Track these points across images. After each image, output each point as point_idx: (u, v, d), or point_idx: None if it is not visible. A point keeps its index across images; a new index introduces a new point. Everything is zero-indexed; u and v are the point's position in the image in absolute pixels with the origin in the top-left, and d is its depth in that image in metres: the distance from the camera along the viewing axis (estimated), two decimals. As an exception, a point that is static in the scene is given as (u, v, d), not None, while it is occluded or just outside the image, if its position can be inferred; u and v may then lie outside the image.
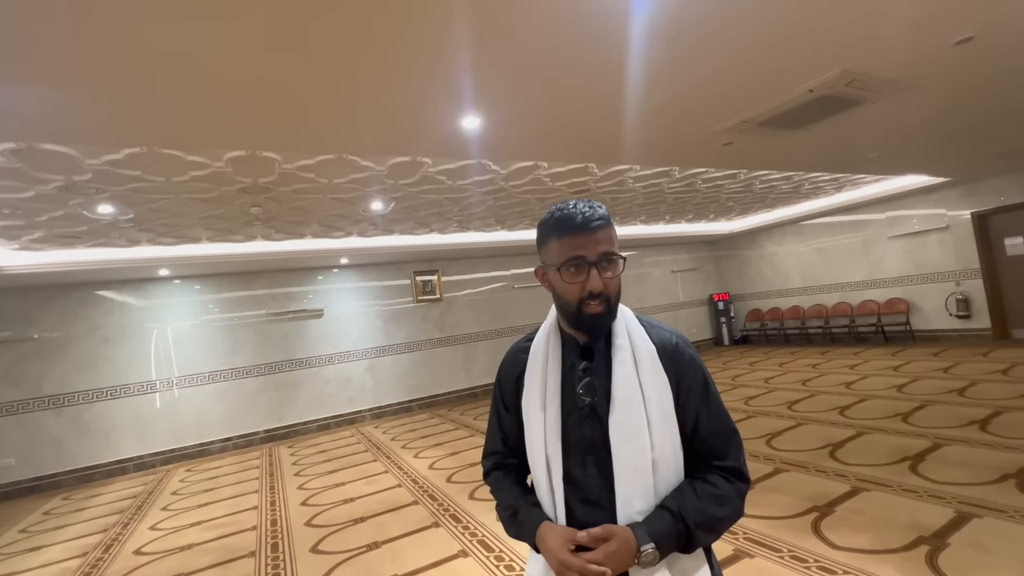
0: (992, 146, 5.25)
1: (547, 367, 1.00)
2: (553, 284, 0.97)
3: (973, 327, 7.62)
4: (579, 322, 0.95)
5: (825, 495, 3.12)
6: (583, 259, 0.91)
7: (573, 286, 0.92)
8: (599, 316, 0.93)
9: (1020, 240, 7.24)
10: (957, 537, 2.47)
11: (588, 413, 0.95)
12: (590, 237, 0.91)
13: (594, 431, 0.94)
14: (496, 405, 1.12)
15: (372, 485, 4.52)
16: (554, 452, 0.95)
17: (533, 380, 1.01)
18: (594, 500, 0.93)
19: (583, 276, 0.91)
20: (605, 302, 0.92)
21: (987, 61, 2.89)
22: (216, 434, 6.82)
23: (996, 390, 4.85)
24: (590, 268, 0.91)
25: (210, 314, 6.97)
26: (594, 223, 0.91)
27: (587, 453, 0.94)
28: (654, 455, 0.91)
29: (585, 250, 0.91)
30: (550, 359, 1.00)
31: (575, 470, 0.95)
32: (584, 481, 0.94)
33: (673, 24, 2.06)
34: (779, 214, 9.18)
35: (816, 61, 2.62)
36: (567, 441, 0.95)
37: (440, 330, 8.47)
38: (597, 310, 0.92)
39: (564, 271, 0.93)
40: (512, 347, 1.12)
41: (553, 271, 0.96)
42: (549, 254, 0.96)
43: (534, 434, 0.99)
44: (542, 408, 0.98)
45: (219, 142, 2.76)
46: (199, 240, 5.49)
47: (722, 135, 3.63)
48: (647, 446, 0.91)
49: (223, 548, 3.55)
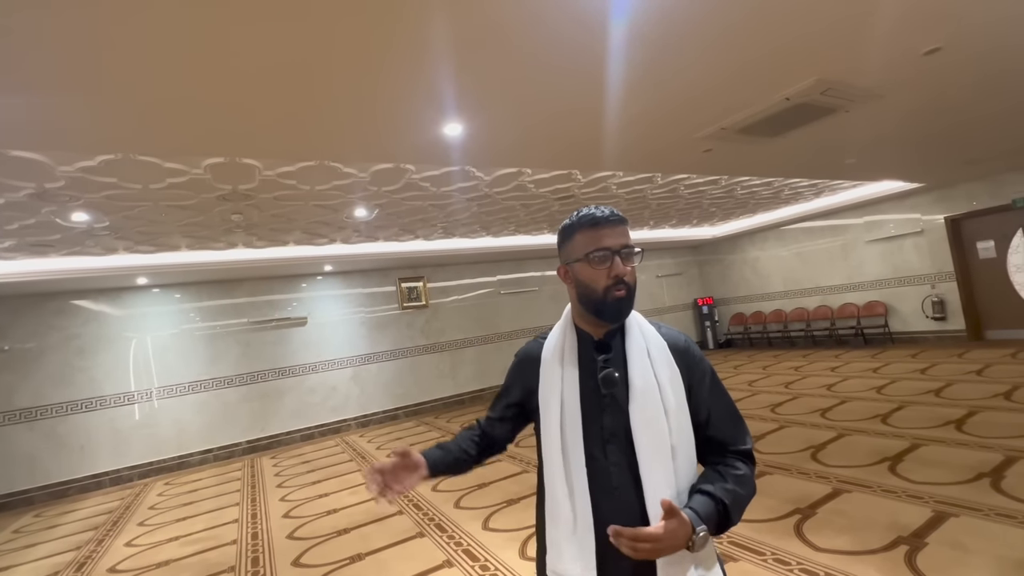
0: (962, 153, 5.41)
1: (563, 361, 1.07)
2: (578, 275, 1.05)
3: (949, 329, 7.80)
4: (603, 307, 1.02)
5: (807, 497, 3.15)
6: (608, 248, 1.01)
7: (600, 272, 1.01)
8: (622, 300, 1.02)
9: (992, 244, 7.45)
10: (935, 536, 2.51)
11: (609, 402, 1.02)
12: (613, 230, 1.03)
13: (615, 420, 1.01)
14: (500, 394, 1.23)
15: (356, 495, 4.46)
16: (574, 441, 1.01)
17: (550, 374, 1.08)
18: (615, 485, 0.99)
19: (608, 263, 1.01)
20: (627, 288, 1.02)
21: (955, 71, 2.98)
22: (196, 446, 6.67)
23: (971, 390, 4.97)
24: (614, 256, 1.01)
25: (190, 323, 6.84)
26: (614, 218, 1.04)
27: (608, 441, 1.01)
28: (672, 441, 0.98)
29: (609, 240, 1.02)
30: (566, 354, 1.07)
31: (596, 459, 1.00)
32: (605, 468, 1.00)
33: (652, 32, 2.09)
34: (760, 219, 9.33)
35: (792, 70, 2.68)
36: (587, 430, 1.02)
37: (426, 337, 8.42)
38: (621, 294, 1.01)
39: (592, 259, 1.02)
40: (526, 345, 1.20)
41: (579, 264, 1.04)
42: (574, 249, 1.05)
43: (551, 424, 1.04)
44: (560, 400, 1.04)
45: (196, 148, 2.71)
46: (178, 248, 5.39)
47: (702, 142, 3.68)
48: (666, 432, 0.98)
49: (202, 563, 3.46)
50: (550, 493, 1.03)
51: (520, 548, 3.00)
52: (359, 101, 2.34)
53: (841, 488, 3.21)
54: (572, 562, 0.97)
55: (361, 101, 2.34)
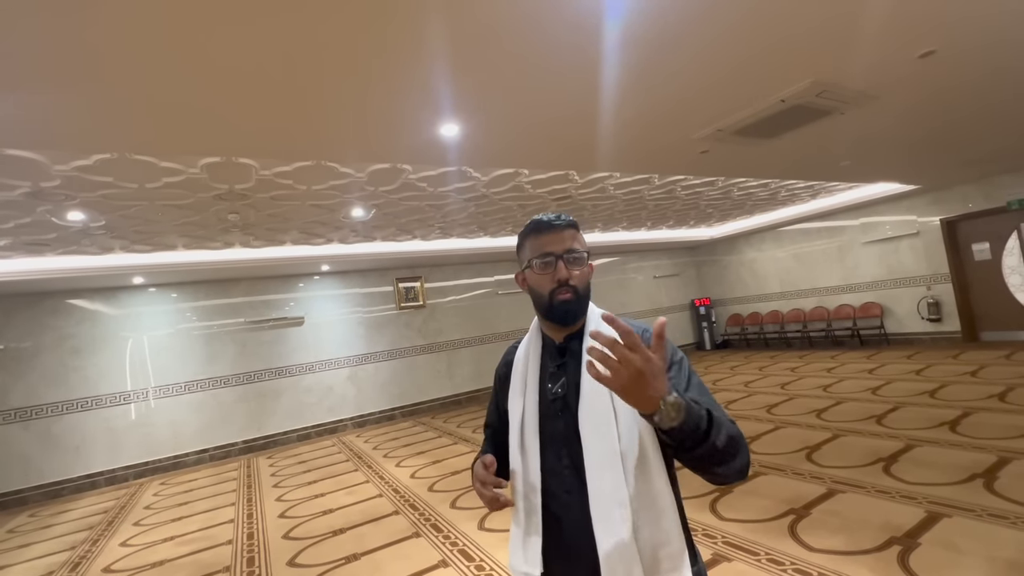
0: (957, 155, 5.44)
1: (527, 367, 1.11)
2: (529, 281, 1.08)
3: (944, 330, 7.84)
4: (551, 310, 1.04)
5: (802, 497, 3.16)
6: (551, 254, 1.03)
7: (544, 276, 1.04)
8: (568, 302, 1.02)
9: (987, 246, 7.49)
10: (928, 537, 2.52)
11: (561, 407, 1.03)
12: (557, 235, 1.04)
13: (567, 424, 1.02)
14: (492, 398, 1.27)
15: (352, 495, 4.46)
16: (532, 444, 1.04)
17: (516, 379, 1.12)
18: (567, 488, 0.99)
19: (552, 268, 1.03)
20: (572, 291, 1.02)
21: (949, 74, 3.00)
22: (192, 446, 6.65)
23: (965, 392, 4.99)
24: (557, 260, 1.03)
25: (187, 323, 6.82)
26: (557, 223, 1.05)
27: (562, 445, 1.02)
28: (621, 446, 0.95)
29: (552, 246, 1.04)
30: (530, 360, 1.11)
31: (551, 461, 1.02)
32: (559, 471, 1.01)
33: (647, 34, 2.09)
34: (757, 220, 9.35)
35: (787, 72, 2.69)
36: (544, 434, 1.04)
37: (423, 337, 8.42)
38: (566, 296, 1.02)
39: (536, 265, 1.04)
40: (505, 353, 1.24)
41: (528, 270, 1.07)
42: (524, 255, 1.09)
43: (513, 427, 1.09)
44: (522, 404, 1.08)
45: (193, 148, 2.71)
46: (175, 247, 5.38)
47: (699, 143, 3.69)
48: (615, 436, 0.96)
49: (197, 564, 3.45)
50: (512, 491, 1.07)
51: (515, 548, 3.00)
52: (355, 101, 2.34)
53: (835, 488, 3.23)
54: (521, 559, 1.01)
55: (357, 101, 2.34)
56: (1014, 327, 7.28)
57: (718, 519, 3.04)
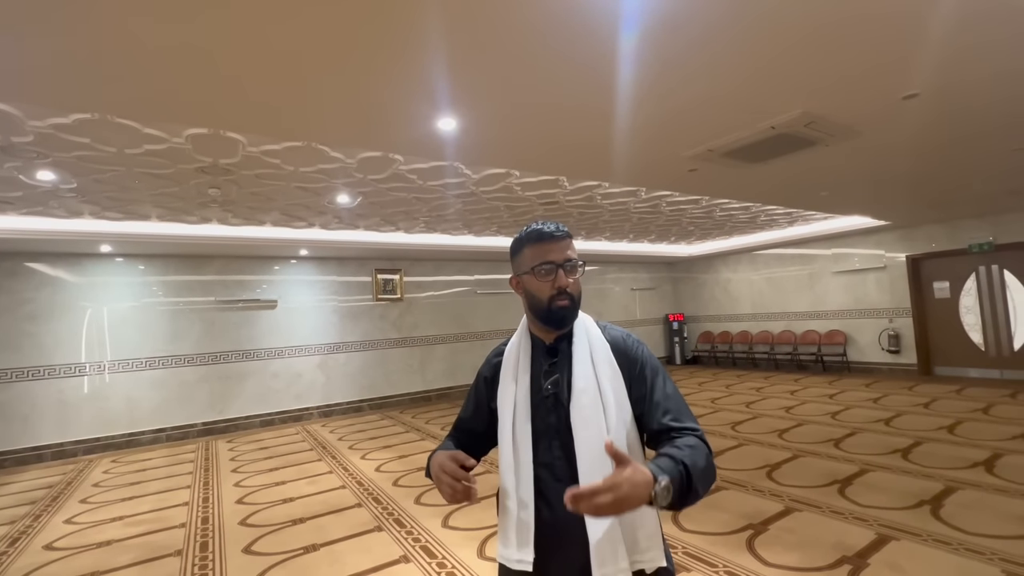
0: (926, 196, 5.69)
1: (519, 366, 1.16)
2: (527, 286, 1.14)
3: (902, 362, 8.17)
4: (549, 315, 1.11)
5: (760, 513, 3.25)
6: (552, 262, 1.09)
7: (545, 283, 1.09)
8: (565, 309, 1.10)
9: (947, 285, 7.85)
10: (876, 558, 2.62)
11: (553, 403, 1.10)
12: (557, 244, 1.11)
13: (559, 418, 1.08)
14: (469, 397, 1.30)
15: (314, 485, 4.37)
16: (523, 436, 1.09)
17: (506, 377, 1.16)
18: (558, 478, 1.05)
19: (552, 276, 1.09)
20: (570, 298, 1.10)
21: (929, 117, 3.14)
22: (148, 424, 6.42)
23: (918, 422, 5.21)
24: (558, 269, 1.09)
25: (152, 297, 6.59)
26: (559, 233, 1.11)
27: (553, 438, 1.08)
28: (612, 437, 1.03)
29: (553, 255, 1.10)
30: (521, 359, 1.16)
31: (543, 453, 1.08)
32: (550, 462, 1.07)
33: (656, 49, 2.13)
34: (735, 242, 9.59)
35: (780, 100, 2.78)
36: (536, 428, 1.10)
37: (398, 330, 8.33)
38: (564, 304, 1.09)
39: (537, 272, 1.10)
40: (490, 352, 1.28)
41: (527, 275, 1.12)
42: (523, 261, 1.13)
43: (505, 421, 1.13)
44: (513, 400, 1.12)
45: (181, 117, 2.63)
46: (148, 218, 5.20)
47: (689, 161, 3.77)
48: (604, 429, 1.04)
49: (146, 546, 3.34)
50: (502, 485, 1.11)
51: (479, 547, 2.99)
52: (353, 85, 2.31)
53: (793, 507, 3.33)
54: (514, 548, 1.05)
55: (355, 86, 2.31)
56: (965, 364, 7.65)
57: (680, 530, 3.10)
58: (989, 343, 7.45)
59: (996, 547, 2.64)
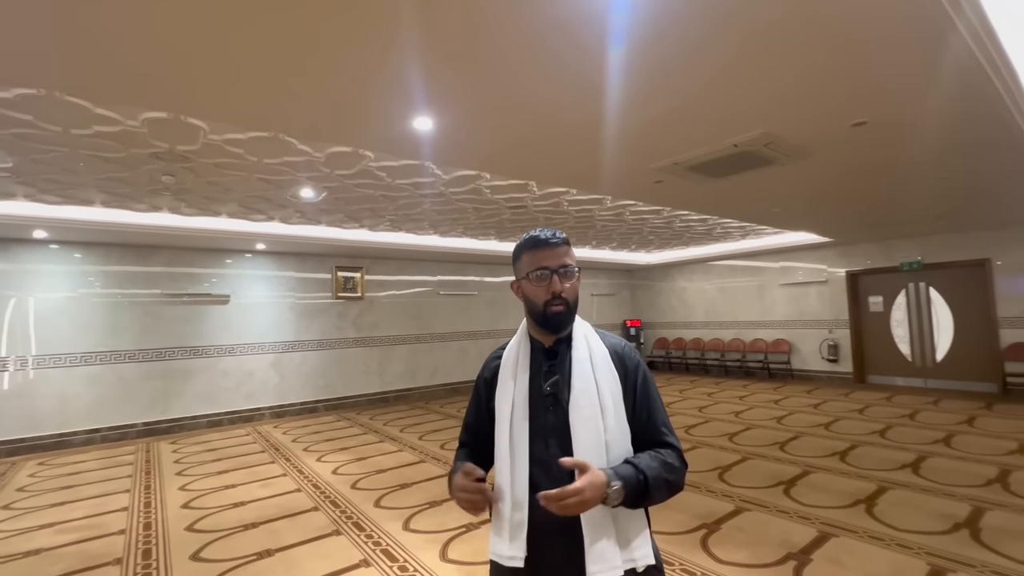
0: (865, 216, 6.13)
1: (517, 366, 1.19)
2: (525, 291, 1.18)
3: (839, 371, 8.73)
4: (544, 320, 1.15)
5: (713, 513, 3.39)
6: (547, 268, 1.14)
7: (540, 289, 1.14)
8: (560, 314, 1.14)
9: (880, 299, 8.46)
10: (819, 553, 2.80)
11: (552, 402, 1.13)
12: (553, 251, 1.15)
13: (557, 417, 1.12)
14: (470, 405, 1.30)
15: (267, 488, 4.21)
16: (520, 434, 1.12)
17: (505, 378, 1.19)
18: (553, 476, 1.07)
19: (547, 281, 1.13)
20: (565, 304, 1.14)
21: (872, 144, 3.40)
22: (81, 424, 5.99)
23: (854, 426, 5.59)
24: (552, 275, 1.13)
25: (89, 287, 6.16)
26: (554, 241, 1.16)
27: (550, 436, 1.11)
28: (607, 437, 1.09)
29: (549, 261, 1.14)
30: (520, 360, 1.19)
31: (539, 451, 1.11)
32: (547, 460, 1.09)
33: (634, 63, 2.20)
34: (692, 252, 9.96)
35: (744, 120, 2.93)
36: (533, 427, 1.12)
37: (357, 330, 8.15)
38: (559, 309, 1.13)
39: (532, 277, 1.14)
40: (488, 355, 1.30)
41: (524, 281, 1.17)
42: (522, 267, 1.18)
43: (502, 420, 1.15)
44: (511, 399, 1.15)
45: (139, 99, 2.48)
46: (91, 203, 4.86)
47: (655, 173, 3.91)
48: (601, 429, 1.09)
49: (81, 554, 3.11)
50: (496, 482, 1.13)
51: (441, 550, 2.98)
52: (327, 78, 2.26)
53: (743, 507, 3.49)
54: (506, 545, 1.07)
55: (329, 79, 2.26)
56: (895, 373, 8.26)
57: (638, 530, 3.18)
58: (915, 354, 8.08)
59: (922, 542, 2.87)
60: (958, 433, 5.14)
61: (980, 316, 7.40)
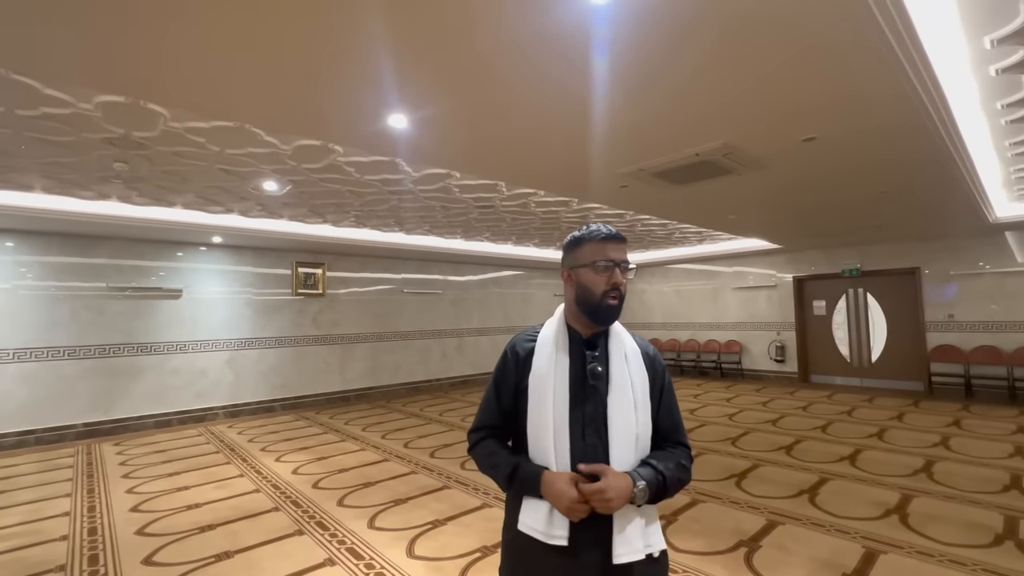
0: (812, 225, 6.53)
1: (556, 354, 1.21)
2: (581, 279, 1.21)
3: (786, 370, 9.24)
4: (597, 310, 1.19)
5: (671, 505, 3.55)
6: (612, 260, 1.19)
7: (601, 278, 1.18)
8: (614, 308, 1.19)
9: (823, 303, 9.01)
10: (767, 540, 2.98)
11: (592, 392, 1.19)
12: (617, 246, 1.22)
13: (595, 407, 1.18)
14: (496, 385, 1.30)
15: (224, 490, 4.07)
16: (563, 422, 1.16)
17: (544, 361, 1.21)
18: (590, 462, 1.14)
19: (610, 272, 1.19)
20: (620, 297, 1.20)
21: (822, 158, 3.65)
22: (13, 425, 5.58)
23: (798, 423, 5.94)
24: (615, 267, 1.19)
25: (22, 279, 5.75)
26: (622, 237, 1.24)
27: (588, 425, 1.17)
28: (638, 430, 1.17)
29: (615, 254, 1.21)
30: (558, 347, 1.22)
31: (577, 439, 1.16)
32: (583, 448, 1.16)
33: (613, 68, 2.29)
34: (651, 255, 10.29)
35: (706, 130, 3.09)
36: (572, 414, 1.17)
37: (317, 327, 7.96)
38: (614, 302, 1.19)
39: (596, 267, 1.19)
40: (516, 339, 1.32)
41: (584, 269, 1.21)
42: (582, 256, 1.22)
43: (544, 406, 1.17)
44: (552, 386, 1.18)
45: (97, 82, 2.37)
46: (31, 188, 4.55)
47: (621, 178, 4.04)
48: (633, 422, 1.17)
49: (18, 562, 2.93)
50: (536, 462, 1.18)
51: (408, 547, 2.98)
52: (301, 68, 2.24)
53: (698, 499, 3.67)
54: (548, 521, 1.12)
55: (302, 69, 2.24)
56: (835, 373, 8.82)
57: (600, 522, 3.30)
58: (853, 355, 8.66)
59: (859, 527, 3.12)
60: (890, 428, 5.57)
61: (910, 320, 8.01)
